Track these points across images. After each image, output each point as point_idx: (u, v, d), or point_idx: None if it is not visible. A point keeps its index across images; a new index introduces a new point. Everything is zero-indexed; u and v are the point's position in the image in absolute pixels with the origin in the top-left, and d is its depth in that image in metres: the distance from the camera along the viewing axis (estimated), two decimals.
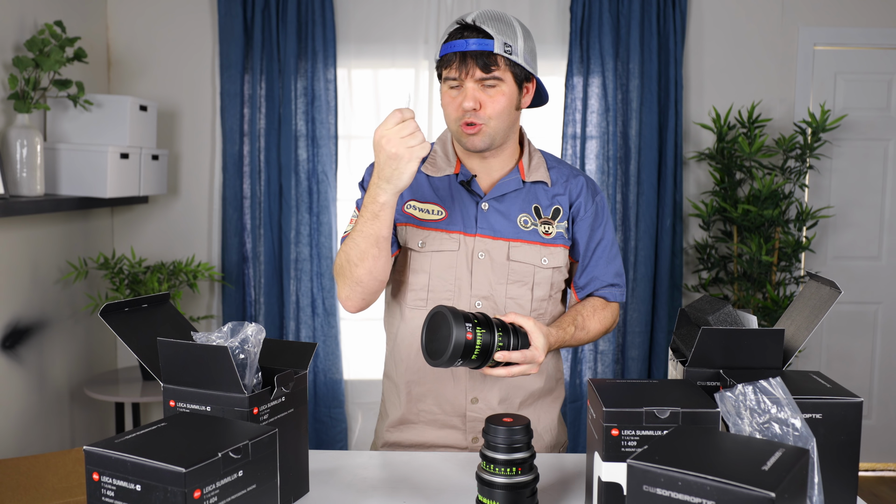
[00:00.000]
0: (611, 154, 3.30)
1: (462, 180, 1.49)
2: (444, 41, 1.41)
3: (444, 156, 1.53)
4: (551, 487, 1.25)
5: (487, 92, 1.39)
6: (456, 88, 1.41)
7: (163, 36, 3.35)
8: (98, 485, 0.89)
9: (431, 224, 1.48)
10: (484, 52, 1.36)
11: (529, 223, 1.49)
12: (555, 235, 1.50)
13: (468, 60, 1.37)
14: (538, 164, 1.54)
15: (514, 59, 1.39)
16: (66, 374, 2.96)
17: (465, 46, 1.36)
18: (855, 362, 3.59)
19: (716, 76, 3.41)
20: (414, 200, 1.50)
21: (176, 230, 3.41)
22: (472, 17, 1.39)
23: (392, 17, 3.34)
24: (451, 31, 1.40)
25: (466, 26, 1.38)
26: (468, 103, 1.38)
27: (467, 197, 1.49)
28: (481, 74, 1.37)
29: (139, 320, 1.20)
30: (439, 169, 1.51)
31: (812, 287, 1.27)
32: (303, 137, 3.29)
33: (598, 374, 3.35)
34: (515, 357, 1.27)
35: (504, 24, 1.39)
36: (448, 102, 1.43)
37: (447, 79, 1.41)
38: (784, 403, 0.87)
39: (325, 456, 1.38)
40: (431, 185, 1.51)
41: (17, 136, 2.50)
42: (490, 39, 1.36)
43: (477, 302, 1.47)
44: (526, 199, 1.50)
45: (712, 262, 3.36)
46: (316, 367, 3.35)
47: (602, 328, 1.54)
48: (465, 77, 1.38)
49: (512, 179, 1.50)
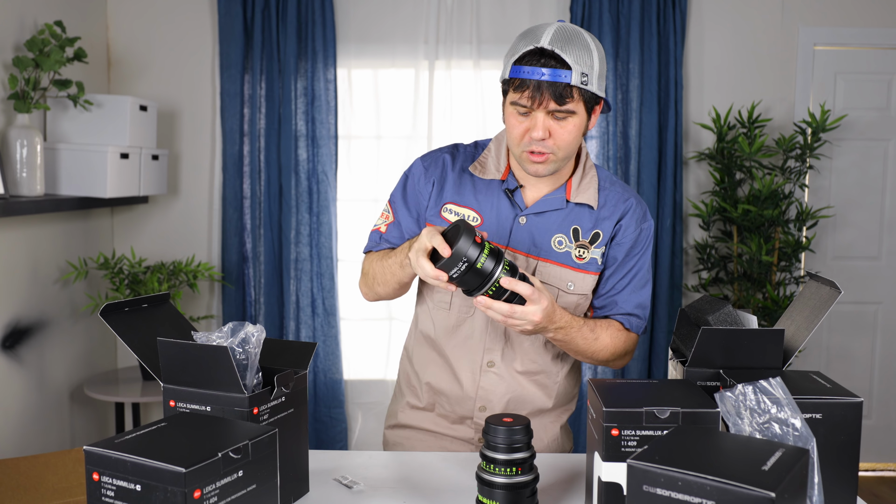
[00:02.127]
0: (611, 154, 3.30)
1: (507, 189, 1.44)
2: (515, 61, 1.31)
3: (495, 158, 1.48)
4: (551, 487, 1.25)
5: (558, 122, 1.32)
6: (523, 114, 1.33)
7: (163, 36, 3.35)
8: (98, 485, 0.89)
9: None
10: (559, 83, 1.28)
11: (564, 244, 1.44)
12: (588, 261, 1.45)
13: (543, 91, 1.28)
14: (588, 185, 1.46)
15: (589, 90, 1.31)
16: (66, 374, 2.96)
17: (540, 76, 1.27)
18: (855, 362, 3.59)
19: (716, 76, 3.41)
20: (452, 203, 1.46)
21: (176, 230, 3.41)
22: (549, 39, 1.28)
23: (392, 17, 3.34)
24: (525, 53, 1.29)
25: (543, 52, 1.28)
26: (537, 133, 1.31)
27: (507, 207, 1.44)
28: (555, 106, 1.30)
29: (139, 320, 1.20)
30: (487, 171, 1.47)
31: (812, 287, 1.27)
32: (303, 137, 3.29)
33: (598, 374, 3.35)
34: (521, 289, 1.23)
35: (581, 49, 1.29)
36: (514, 125, 1.34)
37: (515, 103, 1.32)
38: (784, 403, 0.87)
39: (325, 456, 1.38)
40: (475, 186, 1.47)
41: (17, 136, 2.50)
42: (568, 70, 1.27)
43: None
44: (567, 219, 1.44)
45: (712, 262, 3.36)
46: (316, 367, 3.35)
47: (613, 347, 1.45)
48: (538, 107, 1.30)
49: (556, 198, 1.43)
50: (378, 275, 1.47)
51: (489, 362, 1.48)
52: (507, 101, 1.36)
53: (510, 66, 1.32)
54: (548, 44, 1.28)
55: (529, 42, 1.30)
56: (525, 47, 1.30)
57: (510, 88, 1.33)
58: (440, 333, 1.50)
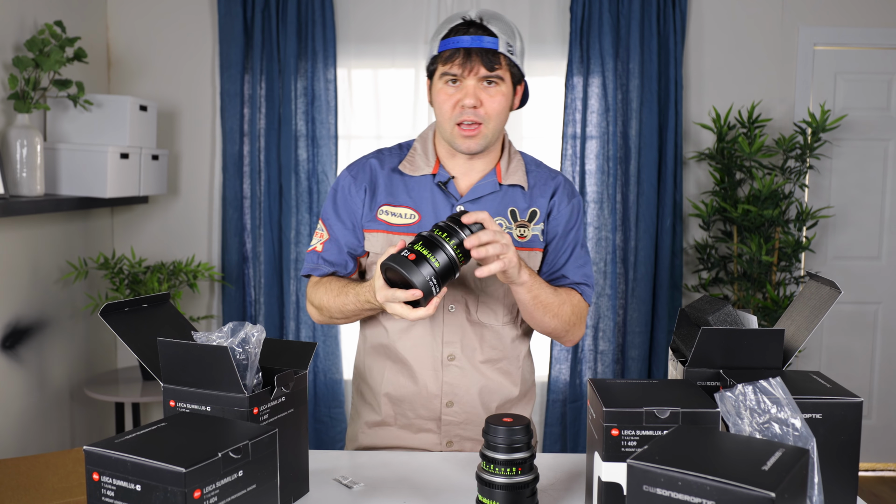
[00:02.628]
0: (611, 154, 3.30)
1: (439, 181, 1.47)
2: (443, 36, 1.39)
3: (423, 154, 1.51)
4: (551, 487, 1.25)
5: (488, 91, 1.38)
6: (453, 85, 1.38)
7: (163, 36, 3.35)
8: (98, 485, 0.89)
9: (403, 229, 1.46)
10: (489, 49, 1.35)
11: (504, 226, 1.47)
12: (530, 238, 1.48)
13: (473, 57, 1.35)
14: (516, 167, 1.51)
15: (514, 60, 1.39)
16: (66, 374, 2.96)
17: (470, 43, 1.34)
18: (855, 362, 3.59)
19: (716, 76, 3.42)
20: (387, 205, 1.48)
21: (176, 230, 3.41)
22: (475, 14, 1.38)
23: (392, 17, 3.34)
24: (453, 27, 1.38)
25: (472, 23, 1.37)
26: (469, 100, 1.36)
27: (442, 199, 1.47)
28: (485, 72, 1.36)
29: (139, 320, 1.20)
30: (417, 168, 1.49)
31: (812, 287, 1.27)
32: (303, 137, 3.29)
33: (598, 374, 3.35)
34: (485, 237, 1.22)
35: (505, 24, 1.39)
36: (444, 100, 1.40)
37: (446, 74, 1.38)
38: (784, 403, 0.87)
39: (325, 456, 1.38)
40: (406, 185, 1.49)
41: (17, 136, 2.50)
42: (495, 38, 1.36)
43: (450, 307, 1.47)
44: (502, 202, 1.48)
45: (712, 262, 3.36)
46: (316, 367, 3.35)
47: (572, 306, 1.46)
48: (469, 74, 1.36)
49: (488, 182, 1.47)
50: (337, 311, 1.45)
51: (449, 356, 1.48)
52: (435, 80, 1.42)
53: (437, 43, 1.39)
54: (476, 17, 1.37)
55: (453, 20, 1.39)
56: (450, 24, 1.38)
57: (438, 64, 1.39)
58: (395, 338, 1.49)
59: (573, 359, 3.37)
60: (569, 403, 3.37)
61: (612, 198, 3.32)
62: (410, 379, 1.50)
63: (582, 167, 3.31)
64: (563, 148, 3.32)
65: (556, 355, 3.37)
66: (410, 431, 1.52)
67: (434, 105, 1.43)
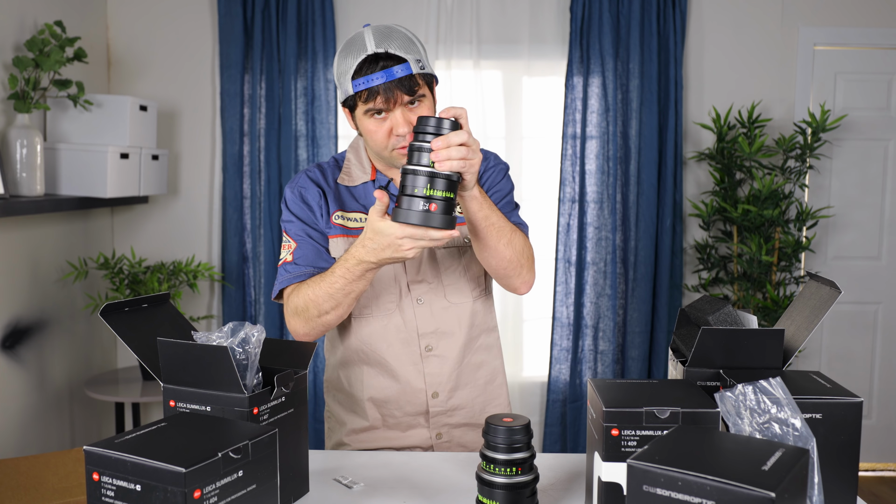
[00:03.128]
0: (611, 154, 3.30)
1: (380, 186, 1.49)
2: (353, 76, 1.35)
3: (358, 164, 1.53)
4: (551, 487, 1.25)
5: (414, 111, 1.37)
6: (379, 117, 1.37)
7: (163, 36, 3.35)
8: (98, 485, 0.89)
9: (360, 231, 1.46)
10: (405, 76, 1.33)
11: None
12: None
13: (393, 90, 1.33)
14: None
15: (426, 72, 1.38)
16: (66, 373, 2.96)
17: (385, 77, 1.33)
18: (855, 362, 3.59)
19: (716, 76, 3.41)
20: (341, 211, 1.50)
21: (176, 230, 3.41)
22: (373, 43, 1.34)
23: (392, 18, 3.34)
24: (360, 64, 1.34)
25: (378, 56, 1.34)
26: (402, 129, 1.35)
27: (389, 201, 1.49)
28: (408, 99, 1.36)
29: (139, 320, 1.20)
30: (355, 178, 1.51)
31: (812, 287, 1.27)
32: (303, 137, 3.29)
33: (598, 374, 3.35)
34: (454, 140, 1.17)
35: (403, 40, 1.36)
36: (374, 131, 1.38)
37: (371, 111, 1.36)
38: (784, 403, 0.87)
39: (325, 456, 1.38)
40: (352, 194, 1.51)
41: (17, 136, 2.50)
42: (405, 62, 1.34)
43: (418, 299, 1.49)
44: None
45: (712, 262, 3.36)
46: (316, 367, 3.35)
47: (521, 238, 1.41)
48: (394, 106, 1.35)
49: None
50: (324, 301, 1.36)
51: (427, 347, 1.50)
52: (357, 114, 1.40)
53: (349, 82, 1.36)
54: (375, 47, 1.34)
55: (357, 54, 1.35)
56: (356, 59, 1.35)
57: (358, 102, 1.37)
58: (371, 340, 1.50)
59: (573, 359, 3.37)
60: (569, 403, 3.37)
61: (612, 198, 3.32)
62: (392, 378, 1.51)
63: (582, 167, 3.31)
64: (563, 148, 3.32)
65: (556, 355, 3.38)
66: (399, 430, 1.53)
67: (364, 135, 1.42)
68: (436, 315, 1.50)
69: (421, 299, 1.49)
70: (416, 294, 1.49)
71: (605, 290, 3.34)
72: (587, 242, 3.35)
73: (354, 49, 1.36)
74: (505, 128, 3.39)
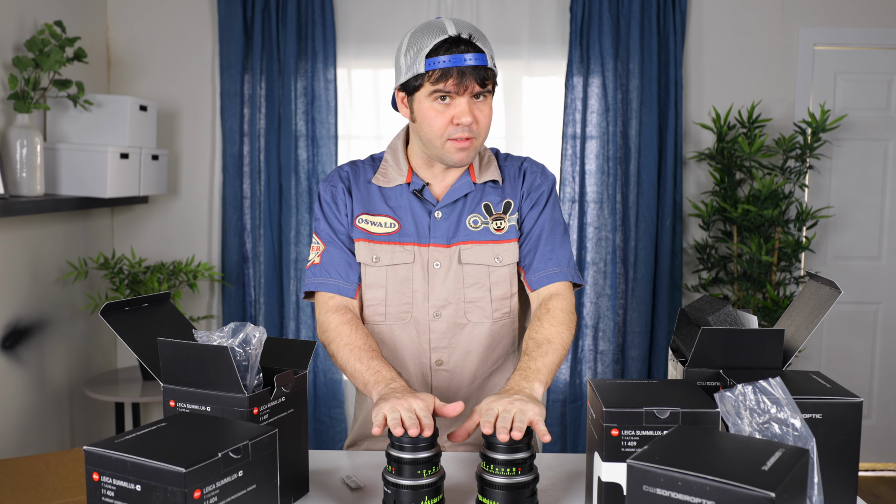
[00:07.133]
0: (611, 154, 3.30)
1: (414, 189, 1.46)
2: (428, 53, 1.33)
3: (395, 165, 1.49)
4: (551, 487, 1.25)
5: (478, 105, 1.37)
6: (443, 102, 1.35)
7: (163, 36, 3.35)
8: (98, 485, 0.89)
9: (384, 237, 1.46)
10: (480, 66, 1.34)
11: (479, 222, 1.46)
12: (507, 230, 1.47)
13: (467, 75, 1.33)
14: (489, 163, 1.51)
15: (496, 71, 1.39)
16: (66, 374, 2.96)
17: (463, 61, 1.32)
18: (855, 362, 3.59)
19: (716, 76, 3.41)
20: (366, 214, 1.48)
21: (176, 230, 3.41)
22: (457, 29, 1.34)
23: (392, 17, 3.34)
24: (439, 44, 1.33)
25: (460, 40, 1.33)
26: (466, 118, 1.34)
27: (420, 206, 1.46)
28: (478, 89, 1.35)
29: (139, 320, 1.20)
30: (391, 179, 1.49)
31: (812, 287, 1.27)
32: (303, 137, 3.29)
33: (598, 374, 3.35)
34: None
35: (483, 37, 1.38)
36: (434, 117, 1.36)
37: (437, 91, 1.34)
38: (784, 403, 0.87)
39: (325, 456, 1.38)
40: (383, 196, 1.49)
41: (17, 136, 2.50)
42: (484, 54, 1.34)
43: (436, 313, 1.45)
44: (477, 199, 1.48)
45: (712, 262, 3.36)
46: (316, 367, 3.35)
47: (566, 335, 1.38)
48: (463, 92, 1.34)
49: (463, 183, 1.47)
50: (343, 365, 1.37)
51: (437, 361, 1.47)
52: (419, 97, 1.38)
53: (422, 61, 1.34)
54: (457, 31, 1.34)
55: (435, 35, 1.34)
56: (434, 39, 1.34)
57: (426, 82, 1.35)
58: (383, 348, 1.47)
59: (573, 359, 3.37)
60: (569, 403, 3.37)
61: (612, 198, 3.32)
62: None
63: (582, 167, 3.31)
64: (563, 148, 3.32)
65: None
66: None
67: (420, 121, 1.39)
68: (451, 331, 1.46)
69: (439, 314, 1.45)
70: (434, 307, 1.45)
71: (605, 290, 3.34)
72: (587, 242, 3.35)
73: (432, 31, 1.35)
74: (505, 128, 3.39)
